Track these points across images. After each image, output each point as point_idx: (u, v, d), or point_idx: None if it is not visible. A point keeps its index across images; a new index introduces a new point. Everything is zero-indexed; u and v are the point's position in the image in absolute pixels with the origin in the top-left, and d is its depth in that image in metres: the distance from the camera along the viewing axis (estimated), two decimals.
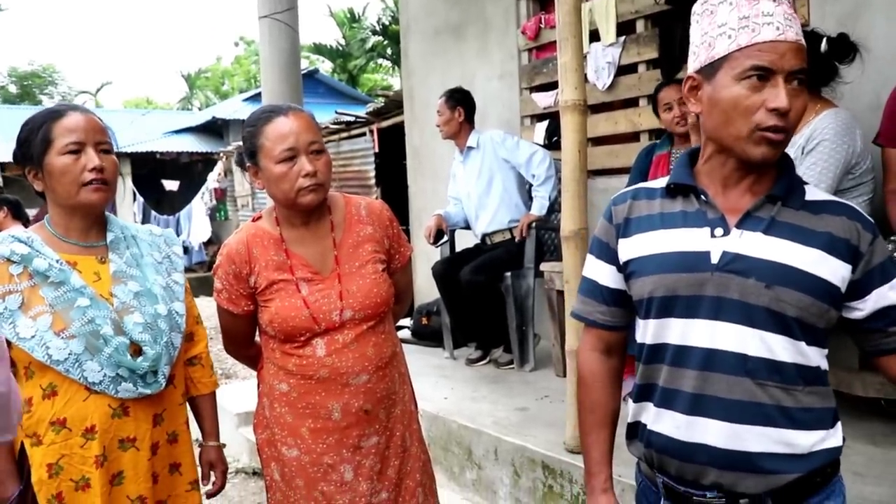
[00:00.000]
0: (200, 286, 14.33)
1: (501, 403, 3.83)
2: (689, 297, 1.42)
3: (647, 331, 1.50)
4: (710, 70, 1.40)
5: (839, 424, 1.46)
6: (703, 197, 1.45)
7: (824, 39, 3.03)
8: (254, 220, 2.22)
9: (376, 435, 2.14)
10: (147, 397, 1.96)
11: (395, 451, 2.19)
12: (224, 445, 2.36)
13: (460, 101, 4.72)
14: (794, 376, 1.39)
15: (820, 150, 2.92)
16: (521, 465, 3.22)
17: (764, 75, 1.33)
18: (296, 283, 2.09)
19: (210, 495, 2.26)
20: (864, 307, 1.40)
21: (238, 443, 4.67)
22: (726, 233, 1.41)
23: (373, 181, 10.08)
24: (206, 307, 2.18)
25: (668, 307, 1.46)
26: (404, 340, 5.62)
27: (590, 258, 1.64)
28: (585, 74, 4.77)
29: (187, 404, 2.21)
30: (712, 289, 1.40)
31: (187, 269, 11.81)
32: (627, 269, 1.54)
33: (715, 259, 1.40)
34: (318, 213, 2.14)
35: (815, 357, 1.41)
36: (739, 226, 1.41)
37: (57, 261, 1.92)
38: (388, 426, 2.18)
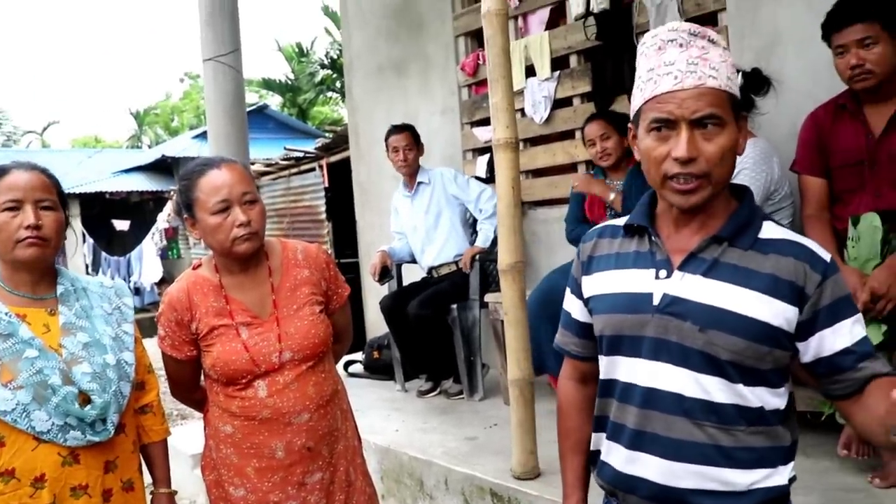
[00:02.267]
0: (152, 326, 14.09)
1: (451, 433, 3.92)
2: (632, 336, 1.47)
3: (602, 366, 1.58)
4: (636, 120, 1.46)
5: (791, 464, 1.46)
6: (652, 238, 1.49)
7: (739, 73, 3.22)
8: (194, 269, 2.30)
9: (320, 471, 2.22)
10: (97, 445, 2.00)
11: (340, 486, 2.28)
12: (176, 492, 2.41)
13: (419, 139, 4.86)
14: (733, 416, 1.40)
15: (740, 178, 3.10)
16: (470, 493, 3.30)
17: (668, 126, 1.37)
18: (236, 327, 2.18)
19: None
20: (807, 350, 1.39)
21: (193, 483, 4.67)
22: (669, 275, 1.45)
23: (324, 216, 10.15)
24: (156, 349, 2.26)
25: (615, 346, 1.52)
26: (356, 374, 5.69)
27: (567, 292, 1.69)
28: (523, 109, 4.97)
29: (139, 452, 2.26)
30: (652, 330, 1.44)
31: (140, 310, 11.70)
32: (588, 306, 1.59)
33: (656, 301, 1.44)
34: (256, 260, 2.23)
35: (759, 398, 1.41)
36: (682, 268, 1.44)
37: (6, 313, 1.98)
38: (331, 462, 2.26)
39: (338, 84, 23.03)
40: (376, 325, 6.19)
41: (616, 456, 1.52)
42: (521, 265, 3.13)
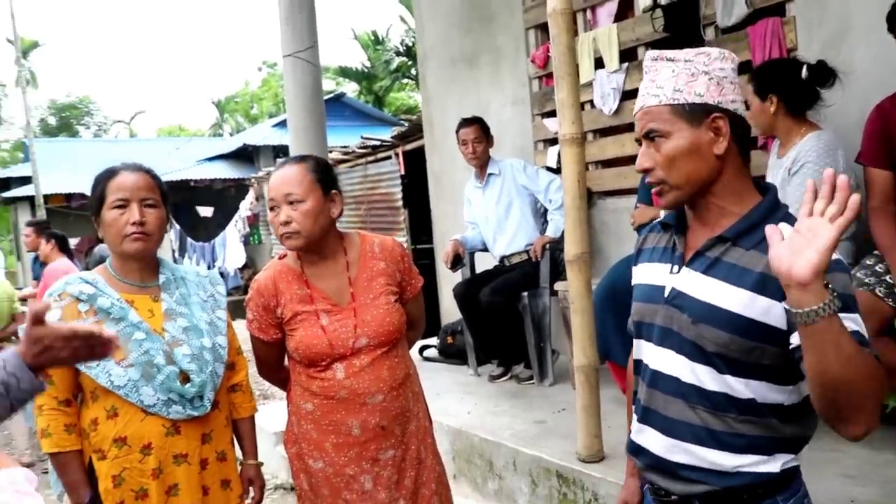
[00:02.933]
0: (237, 310, 14.67)
1: (521, 417, 4.06)
2: (648, 323, 1.65)
3: (634, 347, 1.76)
4: None
5: (791, 455, 1.52)
6: (674, 236, 1.64)
7: (804, 66, 3.26)
8: (280, 258, 2.51)
9: (392, 448, 2.41)
10: (195, 419, 2.23)
11: (411, 463, 2.45)
12: (262, 463, 2.63)
13: (489, 131, 5.00)
14: (723, 404, 1.50)
15: (804, 171, 3.14)
16: (537, 474, 3.45)
17: (640, 143, 1.60)
18: (316, 313, 2.38)
19: None
20: (794, 341, 1.40)
21: (276, 460, 4.94)
22: (678, 270, 1.59)
23: (400, 203, 10.32)
24: (243, 330, 2.48)
25: (638, 330, 1.70)
26: (431, 359, 5.88)
27: None
28: (591, 101, 5.05)
29: (231, 427, 2.48)
30: (661, 319, 1.60)
31: (228, 293, 12.06)
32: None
33: (666, 293, 1.60)
34: (334, 251, 2.42)
35: (752, 390, 1.49)
36: (688, 264, 1.57)
37: (117, 299, 2.23)
38: (403, 440, 2.44)
39: (413, 71, 23.24)
40: (451, 311, 6.36)
41: (633, 425, 1.71)
42: (586, 256, 3.24)
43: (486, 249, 5.24)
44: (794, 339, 1.39)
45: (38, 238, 6.49)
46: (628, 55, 4.88)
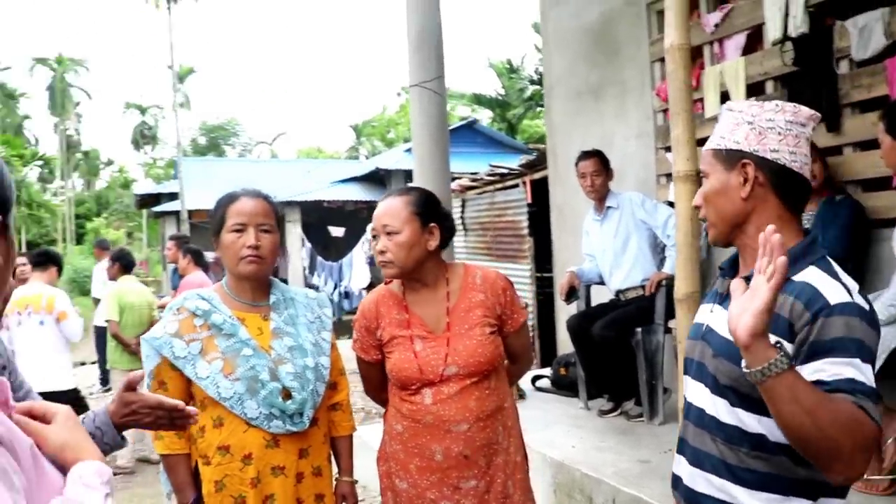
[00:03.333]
0: None
1: (626, 455, 3.99)
2: (689, 358, 1.78)
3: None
4: None
5: (804, 501, 1.51)
6: (721, 276, 1.76)
7: None
8: (386, 283, 2.60)
9: (475, 479, 2.43)
10: (294, 434, 2.34)
11: (496, 497, 2.46)
12: (357, 481, 2.71)
13: (608, 164, 4.97)
14: (736, 437, 1.58)
15: None
16: None
17: None
18: (411, 338, 2.46)
19: None
20: None
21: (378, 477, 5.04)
22: (713, 309, 1.71)
23: (525, 231, 10.34)
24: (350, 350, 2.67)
25: (685, 366, 1.82)
26: (543, 389, 5.85)
27: None
28: None
29: (329, 444, 2.58)
30: (697, 354, 1.73)
31: (349, 312, 12.45)
32: None
33: (703, 330, 1.72)
34: (435, 280, 2.50)
35: (763, 426, 1.52)
36: (721, 303, 1.68)
37: (230, 316, 2.38)
38: (487, 472, 2.45)
39: None
40: (567, 342, 6.32)
41: (675, 457, 1.79)
42: (696, 295, 3.17)
43: (602, 282, 5.19)
44: (812, 367, 1.44)
45: (177, 251, 6.93)
46: (756, 90, 4.74)
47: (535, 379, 6.00)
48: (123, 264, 7.17)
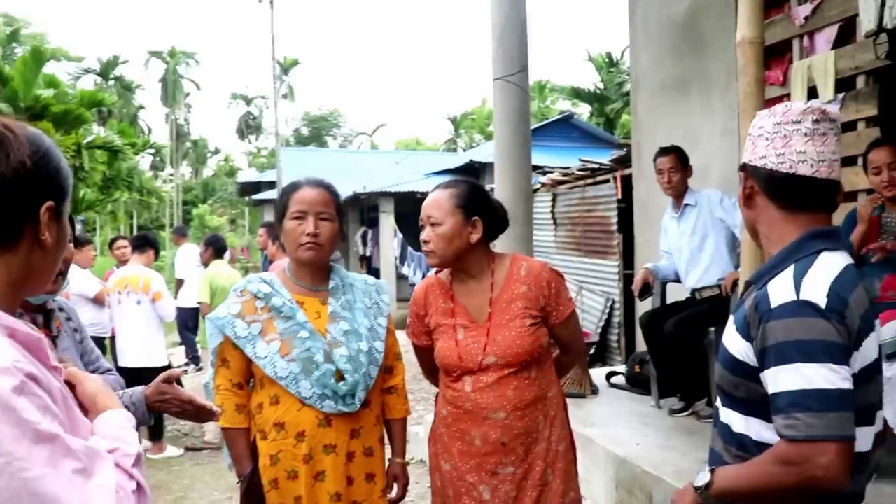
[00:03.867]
0: None
1: (689, 455, 3.94)
2: None
3: None
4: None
5: None
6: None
7: None
8: (436, 273, 2.68)
9: (513, 466, 2.48)
10: (346, 414, 2.43)
11: (534, 484, 2.49)
12: (409, 463, 2.79)
13: (687, 160, 4.89)
14: (727, 436, 1.66)
15: None
16: None
17: None
18: (454, 327, 2.54)
19: (392, 503, 2.68)
20: (765, 380, 1.54)
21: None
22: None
23: (615, 227, 10.24)
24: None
25: None
26: (617, 386, 5.81)
27: None
28: None
29: (383, 426, 2.66)
30: None
31: None
32: None
33: None
34: (481, 271, 2.55)
35: (747, 426, 1.60)
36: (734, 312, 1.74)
37: (289, 300, 2.49)
38: (526, 460, 2.49)
39: None
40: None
41: None
42: None
43: (678, 280, 5.12)
44: (765, 378, 1.50)
45: (267, 238, 7.19)
46: (846, 85, 4.57)
47: (609, 375, 5.96)
48: (216, 249, 7.49)
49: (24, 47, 23.31)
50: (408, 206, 18.04)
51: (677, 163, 4.85)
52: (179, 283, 9.92)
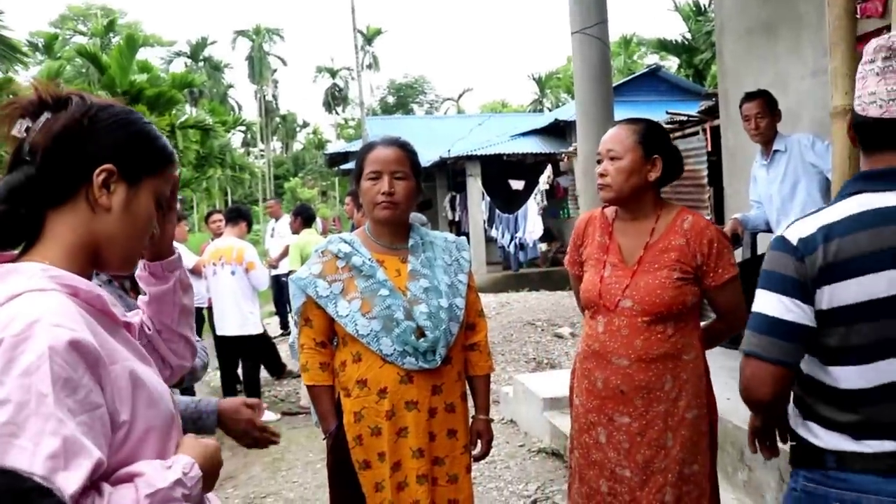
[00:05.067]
0: (541, 280, 15.17)
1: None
2: None
3: None
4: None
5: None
6: None
7: None
8: (603, 208, 2.68)
9: (629, 417, 2.45)
10: (427, 371, 2.46)
11: (648, 442, 2.43)
12: (492, 420, 2.81)
13: (775, 105, 4.70)
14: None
15: None
16: (785, 469, 3.25)
17: None
18: (604, 263, 2.53)
19: (476, 459, 2.71)
20: None
21: (541, 425, 5.14)
22: None
23: (705, 180, 9.95)
24: (545, 299, 2.86)
25: None
26: None
27: None
28: None
29: (465, 382, 2.68)
30: None
31: (530, 263, 12.52)
32: None
33: None
34: (646, 215, 2.52)
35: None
36: None
37: (369, 259, 2.53)
38: (644, 415, 2.43)
39: None
40: None
41: None
42: None
43: (769, 230, 4.94)
44: None
45: (353, 206, 7.29)
46: None
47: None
48: (304, 218, 7.65)
49: (120, 37, 24.22)
50: (494, 169, 17.98)
51: (764, 108, 4.64)
52: (286, 250, 10.11)
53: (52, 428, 1.04)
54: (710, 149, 9.78)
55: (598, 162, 2.54)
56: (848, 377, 1.62)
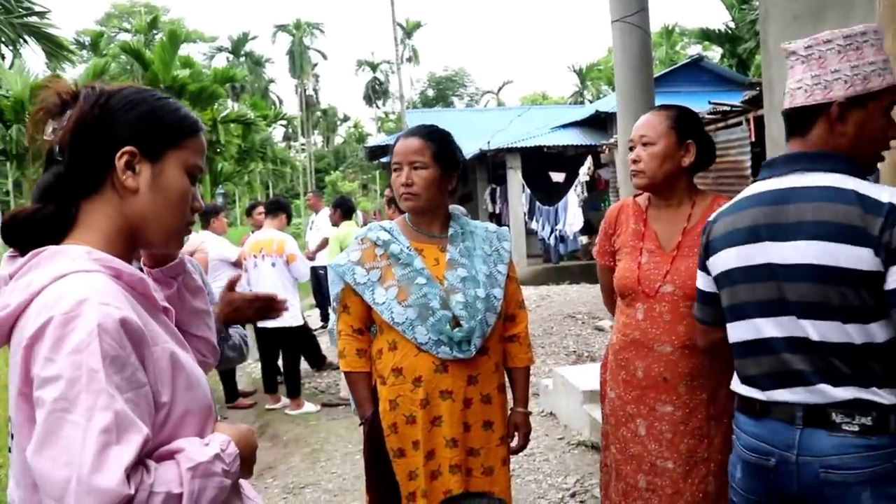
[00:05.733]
0: (582, 273, 15.06)
1: None
2: None
3: None
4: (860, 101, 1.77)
5: None
6: None
7: None
8: (634, 197, 2.66)
9: (672, 405, 2.41)
10: (462, 360, 2.43)
11: (692, 431, 2.40)
12: (531, 413, 2.77)
13: None
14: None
15: None
16: None
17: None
18: (640, 250, 2.50)
19: (513, 452, 2.68)
20: None
21: (581, 417, 5.09)
22: None
23: (748, 171, 9.74)
24: (585, 292, 2.82)
25: None
26: None
27: None
28: None
29: (503, 374, 2.64)
30: None
31: (570, 257, 12.41)
32: None
33: None
34: (680, 201, 2.51)
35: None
36: None
37: (407, 247, 2.51)
38: (688, 403, 2.40)
39: None
40: None
41: None
42: None
43: None
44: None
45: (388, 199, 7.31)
46: None
47: None
48: (344, 210, 7.68)
49: (163, 33, 24.66)
50: (535, 162, 17.87)
51: None
52: (324, 242, 10.15)
53: (104, 403, 1.07)
54: (753, 139, 9.60)
55: (631, 149, 2.52)
56: (729, 334, 1.97)
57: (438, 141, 2.52)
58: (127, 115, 1.29)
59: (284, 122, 45.20)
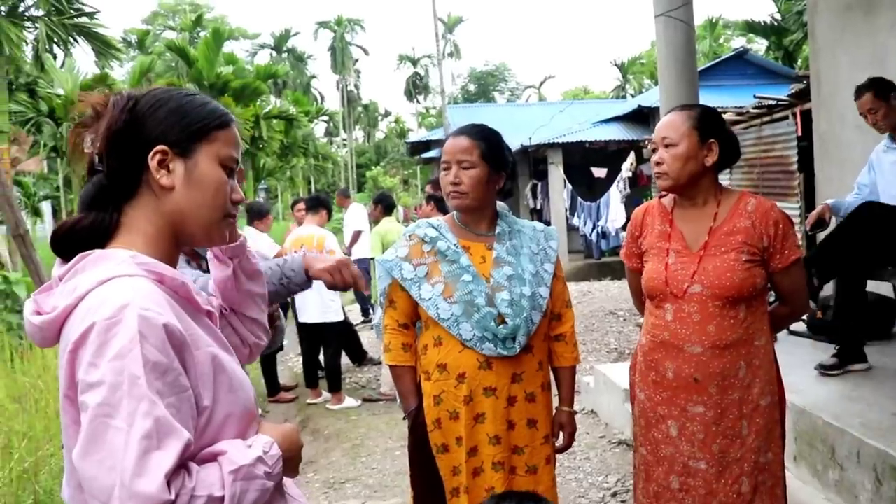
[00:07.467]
0: (623, 269, 14.89)
1: (878, 406, 3.64)
2: None
3: None
4: None
5: None
6: None
7: None
8: (659, 197, 2.65)
9: (703, 406, 2.39)
10: (507, 358, 2.44)
11: (724, 432, 2.38)
12: (576, 412, 2.76)
13: (888, 90, 4.33)
14: None
15: None
16: (882, 471, 3.10)
17: None
18: (667, 251, 2.49)
19: (557, 451, 2.68)
20: None
21: (622, 416, 5.04)
22: None
23: (795, 167, 9.60)
24: (627, 288, 2.78)
25: None
26: (797, 333, 5.45)
27: None
28: None
29: (549, 373, 2.64)
30: None
31: (609, 252, 12.37)
32: None
33: None
34: (706, 200, 2.49)
35: None
36: None
37: (454, 244, 2.53)
38: (720, 404, 2.38)
39: None
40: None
41: None
42: None
43: None
44: None
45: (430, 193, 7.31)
46: None
47: None
48: (384, 206, 7.71)
49: (207, 31, 24.99)
50: (576, 157, 17.76)
51: (875, 100, 4.24)
52: (356, 235, 10.22)
53: (145, 409, 1.09)
54: (800, 133, 9.42)
55: (654, 151, 2.49)
56: None
57: (487, 140, 2.53)
58: (155, 114, 1.31)
59: (326, 118, 45.58)
